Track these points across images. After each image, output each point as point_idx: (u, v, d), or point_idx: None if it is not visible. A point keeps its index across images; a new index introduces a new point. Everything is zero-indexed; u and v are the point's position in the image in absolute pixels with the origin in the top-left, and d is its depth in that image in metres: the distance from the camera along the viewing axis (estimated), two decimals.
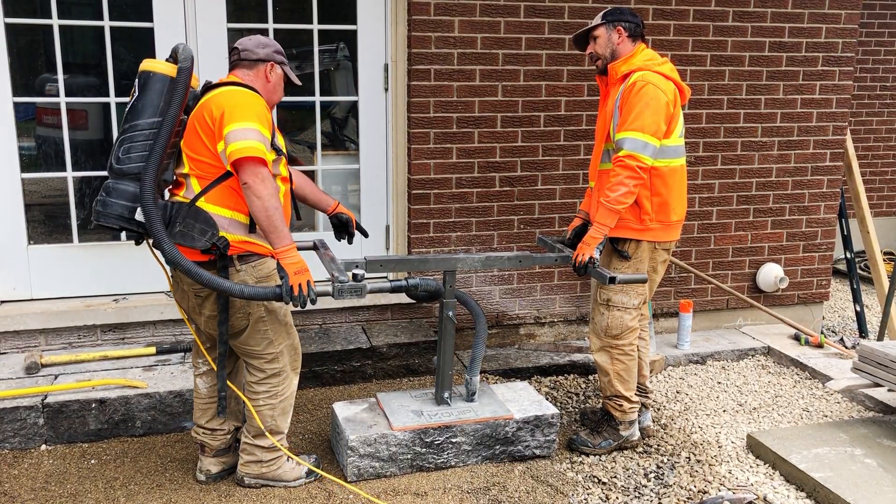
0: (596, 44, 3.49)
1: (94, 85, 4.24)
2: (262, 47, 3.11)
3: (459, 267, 3.50)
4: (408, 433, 3.41)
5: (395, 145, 4.56)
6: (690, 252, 5.03)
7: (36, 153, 4.27)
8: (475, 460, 3.52)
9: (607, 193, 3.31)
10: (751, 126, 4.98)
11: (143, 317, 4.25)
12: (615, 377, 3.60)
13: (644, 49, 3.49)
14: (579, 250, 3.41)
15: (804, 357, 4.72)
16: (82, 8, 4.16)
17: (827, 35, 4.97)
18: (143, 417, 3.70)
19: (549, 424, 3.61)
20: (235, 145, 2.82)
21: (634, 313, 3.56)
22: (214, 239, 2.90)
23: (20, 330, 4.10)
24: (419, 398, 3.67)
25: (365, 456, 3.36)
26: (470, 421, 3.49)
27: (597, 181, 3.58)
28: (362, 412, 3.55)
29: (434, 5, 4.30)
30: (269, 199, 2.83)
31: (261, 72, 3.10)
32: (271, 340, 3.14)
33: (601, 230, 3.36)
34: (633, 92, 3.30)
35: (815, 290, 5.33)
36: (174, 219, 2.92)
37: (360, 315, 4.65)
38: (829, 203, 5.23)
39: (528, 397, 3.77)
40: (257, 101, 2.97)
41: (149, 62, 2.93)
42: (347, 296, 3.01)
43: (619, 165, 3.29)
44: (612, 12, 3.48)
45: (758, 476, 3.49)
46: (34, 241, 4.25)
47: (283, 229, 2.89)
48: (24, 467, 3.43)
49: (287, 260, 2.89)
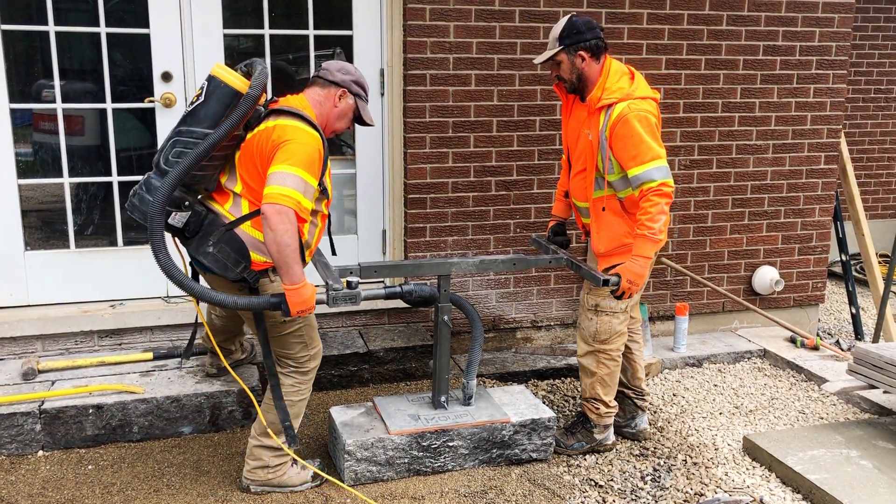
0: (560, 69, 3.45)
1: (90, 91, 4.25)
2: (343, 73, 3.14)
3: (454, 271, 3.50)
4: (405, 437, 3.41)
5: (391, 150, 4.57)
6: (686, 255, 5.05)
7: (33, 159, 4.28)
8: (472, 464, 3.54)
9: (649, 226, 3.22)
10: (745, 129, 5.00)
11: (140, 322, 4.25)
12: (598, 381, 3.61)
13: (612, 64, 3.44)
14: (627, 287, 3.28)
15: (800, 359, 4.73)
16: (79, 14, 4.17)
17: (821, 38, 4.99)
18: (141, 423, 3.70)
19: (545, 428, 3.62)
20: (275, 188, 2.82)
21: (623, 317, 3.56)
22: (245, 272, 2.97)
23: (17, 336, 4.10)
24: (416, 402, 3.68)
25: (362, 460, 3.37)
26: (467, 425, 3.50)
27: (592, 210, 3.51)
28: (359, 416, 3.56)
29: (429, 10, 4.31)
30: (284, 236, 2.80)
31: (331, 95, 3.12)
32: (306, 344, 3.20)
33: (645, 262, 3.28)
34: (624, 126, 3.26)
35: (811, 292, 5.35)
36: (207, 232, 2.95)
37: (357, 319, 4.66)
38: (823, 206, 5.25)
39: (524, 401, 3.78)
40: (314, 141, 2.94)
41: (222, 70, 2.93)
42: (342, 303, 3.04)
43: (655, 195, 3.22)
44: (568, 34, 3.37)
45: (754, 478, 3.50)
46: (31, 246, 4.26)
47: (295, 266, 2.85)
48: (21, 473, 3.43)
49: (293, 298, 2.88)
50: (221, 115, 2.88)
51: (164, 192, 2.79)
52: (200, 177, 3.00)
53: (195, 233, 2.96)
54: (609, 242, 3.47)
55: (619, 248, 3.44)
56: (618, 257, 3.42)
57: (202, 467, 3.49)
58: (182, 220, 2.94)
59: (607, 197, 3.43)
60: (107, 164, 4.29)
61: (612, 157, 3.34)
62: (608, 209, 3.45)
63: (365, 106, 3.20)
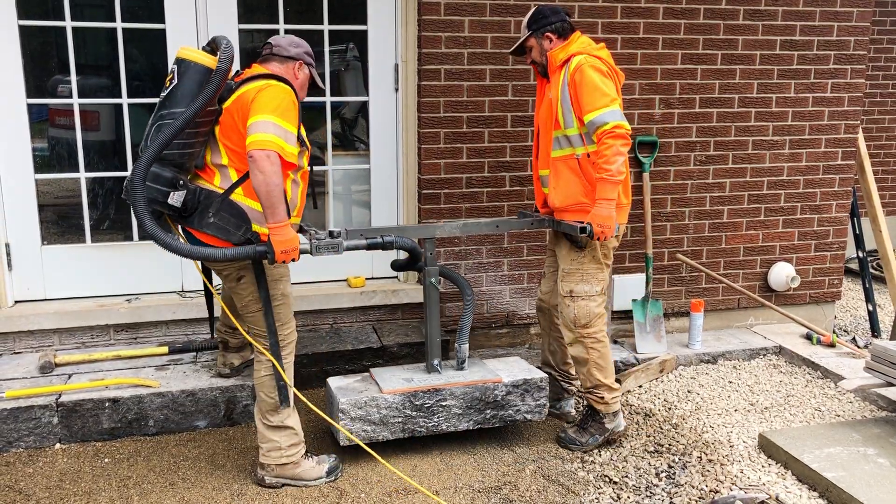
0: (531, 54, 3.67)
1: (106, 86, 4.27)
2: (295, 46, 3.28)
3: (438, 234, 3.68)
4: (398, 396, 3.50)
5: (405, 145, 4.56)
6: (701, 251, 5.02)
7: (49, 154, 4.31)
8: (466, 424, 3.61)
9: (606, 167, 3.37)
10: (762, 125, 4.96)
11: (156, 316, 4.27)
12: (593, 365, 3.66)
13: (580, 37, 3.62)
14: (599, 231, 3.42)
15: (816, 356, 4.70)
16: (95, 10, 4.19)
17: (839, 33, 4.95)
18: (156, 416, 3.72)
19: (538, 388, 3.70)
20: (254, 136, 2.93)
21: (599, 300, 3.64)
22: (248, 234, 3.09)
23: (34, 329, 4.13)
24: (410, 369, 3.79)
25: (356, 419, 3.45)
26: (459, 384, 3.60)
27: (551, 168, 3.66)
28: (355, 382, 3.68)
29: (444, 5, 4.31)
30: (272, 176, 2.91)
31: (290, 69, 3.26)
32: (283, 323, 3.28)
33: (609, 204, 3.41)
34: (580, 73, 3.43)
35: (827, 289, 5.31)
36: (205, 206, 3.07)
37: (371, 315, 4.66)
38: (840, 202, 5.21)
39: (518, 366, 3.87)
40: (287, 94, 3.06)
41: (188, 50, 3.05)
42: (325, 251, 3.24)
43: (609, 137, 3.36)
44: (535, 20, 3.60)
45: (770, 476, 3.49)
46: (48, 241, 4.29)
47: (280, 207, 2.98)
48: (38, 466, 3.46)
49: (277, 237, 2.99)
50: (197, 92, 2.98)
51: (143, 164, 2.89)
52: (189, 154, 3.08)
53: (194, 209, 3.07)
54: (564, 199, 3.61)
55: (574, 205, 3.59)
56: (571, 214, 3.59)
57: (217, 461, 3.51)
58: (180, 199, 3.04)
59: (567, 155, 3.58)
60: (122, 159, 4.31)
61: (571, 109, 3.49)
62: (567, 167, 3.59)
63: (315, 72, 3.37)
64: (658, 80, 4.71)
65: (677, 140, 4.83)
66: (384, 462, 3.26)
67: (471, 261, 4.65)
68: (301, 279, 4.63)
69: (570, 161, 3.57)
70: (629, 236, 4.86)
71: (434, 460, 3.55)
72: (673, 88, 4.74)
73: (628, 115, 4.68)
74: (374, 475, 3.40)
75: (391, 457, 3.55)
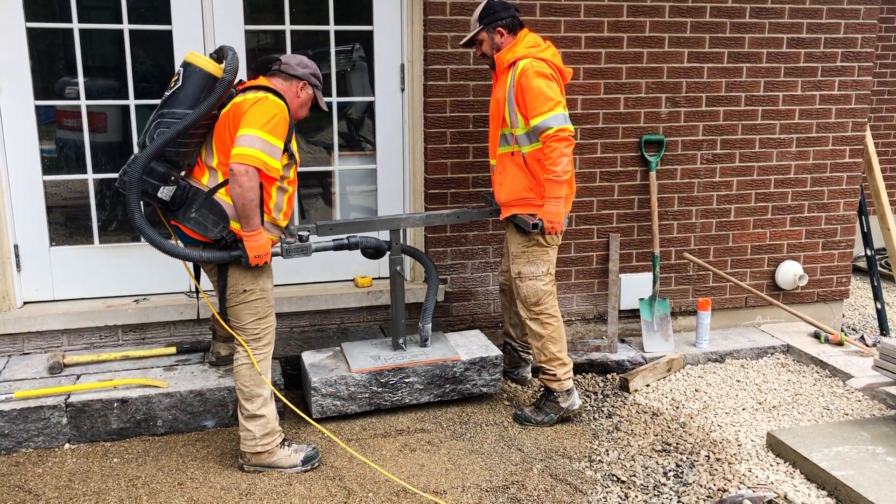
0: (481, 47, 3.82)
1: (113, 88, 4.28)
2: (302, 67, 3.44)
3: (402, 226, 3.97)
4: (365, 375, 3.83)
5: (411, 145, 4.57)
6: (709, 250, 5.01)
7: (57, 156, 4.32)
8: (428, 398, 3.95)
9: (552, 169, 3.57)
10: (769, 123, 4.94)
11: (164, 317, 4.29)
12: (548, 339, 3.85)
13: (527, 35, 3.76)
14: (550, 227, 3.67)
15: (824, 355, 4.68)
16: (101, 12, 4.21)
17: (846, 30, 4.93)
18: (165, 416, 3.73)
19: (493, 365, 4.04)
20: (242, 149, 3.10)
21: (546, 279, 3.85)
22: (224, 232, 3.24)
23: (43, 330, 4.15)
24: (378, 345, 4.09)
25: (327, 395, 3.79)
26: (421, 363, 3.92)
27: (498, 163, 3.86)
28: (326, 359, 3.97)
29: (450, 5, 4.31)
30: (248, 191, 3.10)
31: (293, 87, 3.41)
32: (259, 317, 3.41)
33: (558, 202, 3.64)
34: (526, 78, 3.58)
35: (835, 287, 5.29)
36: (190, 202, 3.23)
37: (378, 315, 4.67)
38: (848, 200, 5.19)
39: (477, 342, 4.19)
40: (280, 109, 3.21)
41: (195, 56, 3.22)
42: (295, 254, 3.49)
43: (553, 141, 3.55)
44: (486, 14, 3.75)
45: (778, 474, 3.48)
46: (56, 242, 4.30)
47: (254, 218, 3.18)
48: (48, 466, 3.47)
49: (250, 243, 3.21)
50: (198, 96, 3.18)
51: (142, 161, 3.10)
52: (184, 153, 3.28)
53: (181, 204, 3.24)
54: (509, 194, 3.81)
55: (518, 200, 3.79)
56: (517, 208, 3.80)
57: (225, 461, 3.52)
58: (169, 194, 3.22)
59: (513, 152, 3.75)
60: None
61: (517, 111, 3.65)
62: (512, 162, 3.77)
63: (320, 94, 3.52)
64: (664, 79, 4.70)
65: (684, 139, 4.82)
66: (381, 470, 3.26)
67: (477, 260, 4.65)
68: (308, 279, 4.64)
69: (516, 157, 3.75)
70: (636, 235, 4.86)
71: (442, 459, 3.55)
72: (679, 87, 4.73)
73: (635, 113, 4.69)
74: (382, 475, 3.40)
75: (398, 454, 3.56)
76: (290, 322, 4.54)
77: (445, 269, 4.63)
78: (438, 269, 4.58)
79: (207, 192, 3.25)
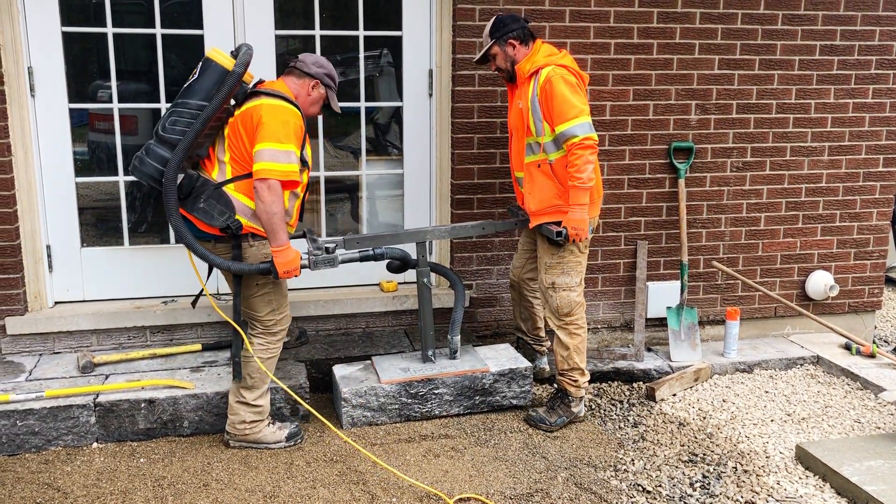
0: (496, 61, 3.85)
1: (144, 91, 4.34)
2: (318, 66, 3.53)
3: (427, 239, 3.98)
4: (394, 386, 3.86)
5: (438, 150, 4.57)
6: (738, 259, 4.95)
7: (89, 158, 4.38)
8: (457, 409, 3.96)
9: (578, 176, 3.58)
10: (800, 131, 4.88)
11: (191, 319, 4.32)
12: (574, 350, 3.89)
13: (542, 45, 3.80)
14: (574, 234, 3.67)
15: (855, 367, 4.60)
16: (135, 16, 4.26)
17: (881, 37, 4.86)
18: (191, 417, 3.76)
19: (523, 376, 4.03)
20: (263, 164, 3.25)
21: (578, 290, 3.88)
22: (230, 221, 3.34)
23: (73, 330, 4.20)
24: (408, 358, 4.11)
25: (357, 406, 3.83)
26: (450, 374, 3.93)
27: (525, 173, 3.85)
28: (357, 371, 4.01)
29: (479, 11, 4.31)
30: (272, 206, 3.26)
31: (306, 85, 3.52)
32: (274, 308, 3.54)
33: (582, 209, 3.64)
34: (550, 85, 3.61)
35: (867, 298, 5.21)
36: (198, 193, 3.35)
37: (403, 319, 4.67)
38: (881, 209, 5.10)
39: (506, 355, 4.18)
40: (294, 117, 3.35)
41: (214, 51, 3.37)
42: (322, 266, 3.55)
43: (579, 149, 3.57)
44: (497, 28, 3.78)
45: (807, 488, 3.42)
46: (87, 243, 4.36)
47: (280, 232, 3.31)
48: (76, 464, 3.51)
49: (280, 259, 3.33)
50: (212, 88, 3.30)
51: (175, 161, 3.27)
52: (196, 144, 3.41)
53: (188, 194, 3.35)
54: (539, 202, 3.81)
55: (548, 208, 3.79)
56: (548, 216, 3.79)
57: (250, 462, 3.53)
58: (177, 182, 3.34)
59: (540, 161, 3.77)
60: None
61: (542, 119, 3.67)
62: (540, 172, 3.78)
63: (333, 95, 3.60)
64: (694, 86, 4.66)
65: (713, 146, 4.77)
66: (405, 477, 3.25)
67: (503, 266, 4.64)
68: (334, 283, 4.65)
69: (543, 165, 3.76)
70: (664, 243, 4.81)
71: (465, 465, 3.54)
72: (709, 94, 4.69)
73: (664, 120, 4.66)
74: (405, 481, 3.40)
75: (422, 459, 3.56)
76: (316, 325, 4.55)
77: (470, 274, 4.62)
78: (463, 275, 4.58)
79: (217, 185, 3.37)
